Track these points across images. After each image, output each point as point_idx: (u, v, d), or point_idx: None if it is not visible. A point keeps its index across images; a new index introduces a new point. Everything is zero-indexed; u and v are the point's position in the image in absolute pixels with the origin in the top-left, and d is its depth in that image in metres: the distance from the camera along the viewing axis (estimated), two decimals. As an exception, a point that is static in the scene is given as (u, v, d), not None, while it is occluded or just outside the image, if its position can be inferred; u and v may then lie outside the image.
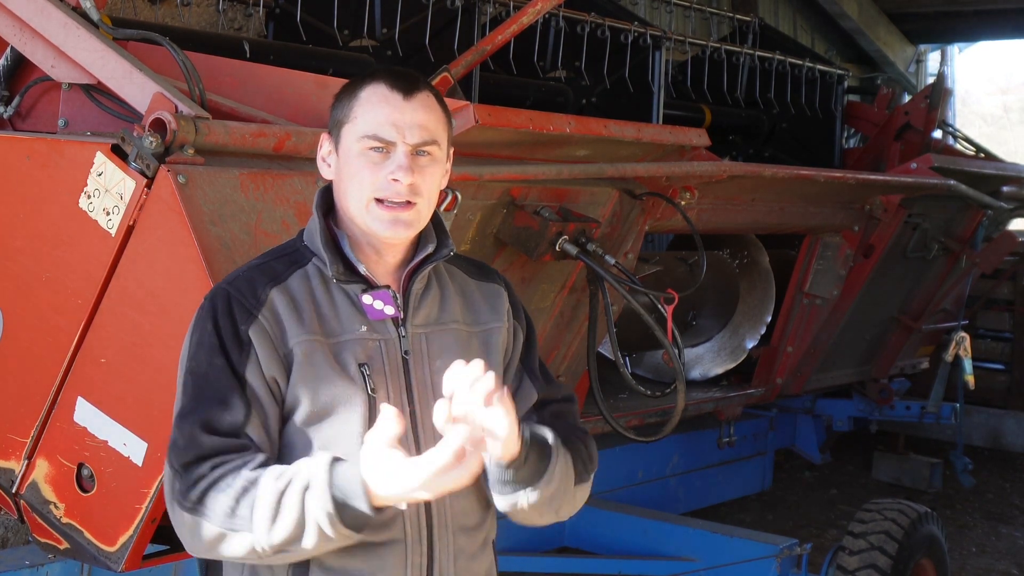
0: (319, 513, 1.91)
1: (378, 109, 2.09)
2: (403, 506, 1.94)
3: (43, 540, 2.98)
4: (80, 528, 2.88)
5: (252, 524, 1.94)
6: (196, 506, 1.98)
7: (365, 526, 1.94)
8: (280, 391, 2.07)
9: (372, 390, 2.07)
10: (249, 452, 2.01)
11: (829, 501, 7.65)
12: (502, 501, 2.09)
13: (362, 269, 2.14)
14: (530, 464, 2.03)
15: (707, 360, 5.76)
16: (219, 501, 1.96)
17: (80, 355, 2.81)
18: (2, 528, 4.66)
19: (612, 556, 5.09)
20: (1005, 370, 9.06)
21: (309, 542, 1.93)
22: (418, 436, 2.10)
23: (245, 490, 1.95)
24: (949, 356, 6.38)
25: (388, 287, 2.14)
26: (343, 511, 1.90)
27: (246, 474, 1.96)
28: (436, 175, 2.14)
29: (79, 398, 2.82)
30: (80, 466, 2.85)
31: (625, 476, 5.92)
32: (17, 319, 2.93)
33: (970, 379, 6.41)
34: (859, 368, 6.44)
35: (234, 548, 1.98)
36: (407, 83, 2.11)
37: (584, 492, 2.21)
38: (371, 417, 2.05)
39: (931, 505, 5.57)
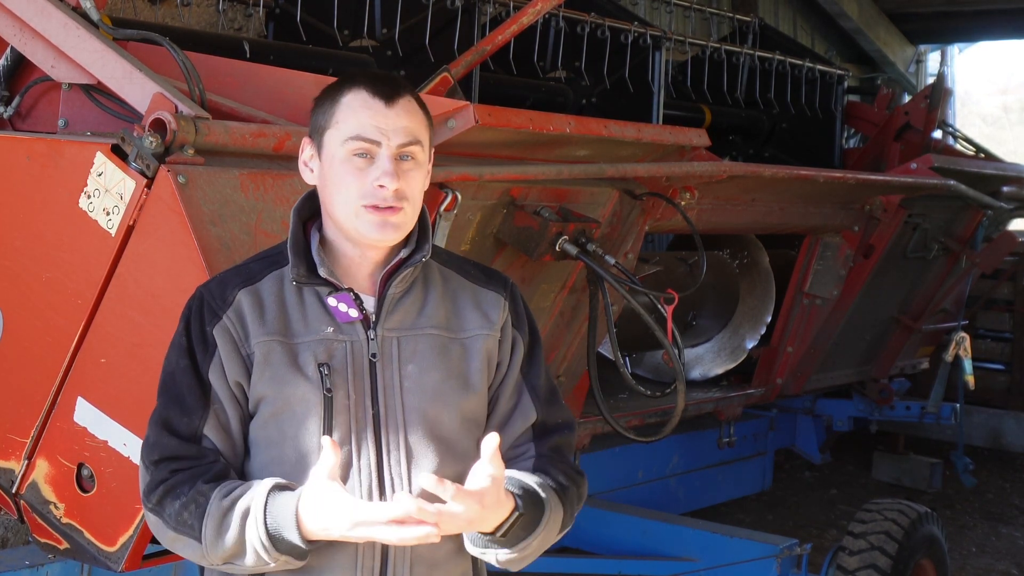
0: (255, 540, 1.99)
1: (360, 114, 2.09)
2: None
3: (43, 540, 2.98)
4: (80, 528, 2.88)
5: (201, 535, 2.04)
6: (156, 507, 2.09)
7: (304, 553, 2.01)
8: (243, 391, 2.12)
9: (328, 390, 2.08)
10: (207, 458, 2.09)
11: (829, 501, 7.65)
12: (471, 548, 2.11)
13: (323, 272, 2.13)
14: (513, 533, 2.05)
15: (707, 360, 5.76)
16: (174, 507, 2.06)
17: (80, 355, 2.81)
18: (2, 528, 4.66)
19: (612, 556, 5.09)
20: (1005, 370, 9.06)
21: (250, 561, 2.02)
22: (380, 438, 2.10)
23: (196, 502, 2.04)
24: (949, 356, 6.37)
25: (350, 289, 2.14)
26: (277, 541, 1.99)
27: (200, 486, 2.05)
28: (420, 179, 2.14)
29: (79, 398, 2.82)
30: (80, 466, 2.85)
31: (625, 476, 5.92)
32: (17, 319, 2.93)
33: (970, 379, 6.41)
34: (859, 368, 6.44)
35: (188, 551, 2.08)
36: (389, 88, 2.12)
37: (564, 533, 2.22)
38: (328, 417, 2.08)
39: (931, 505, 5.57)
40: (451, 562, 2.16)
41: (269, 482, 2.03)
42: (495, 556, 2.09)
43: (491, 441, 1.98)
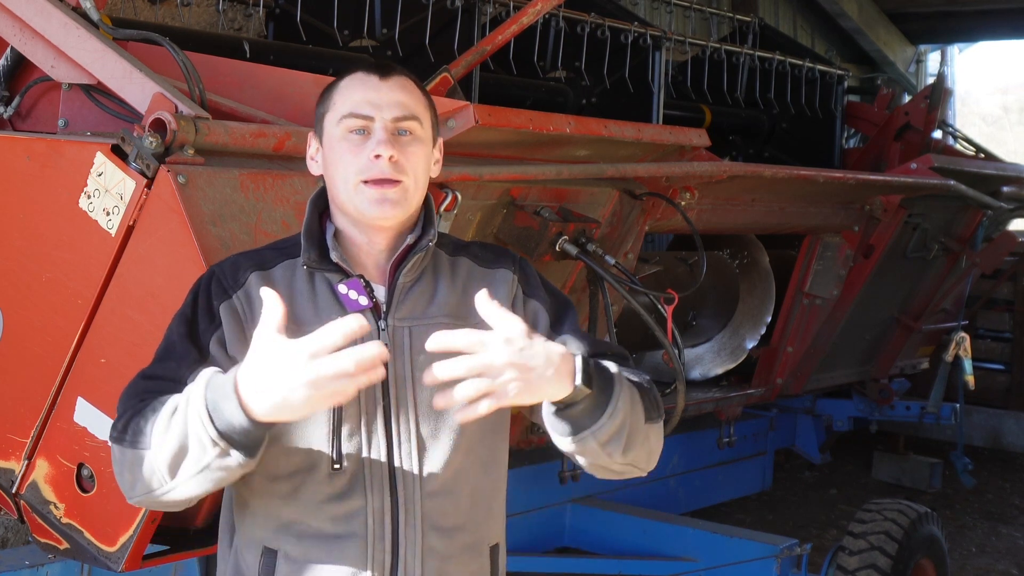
0: (194, 419, 1.88)
1: (355, 91, 2.11)
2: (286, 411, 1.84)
3: (43, 540, 2.98)
4: (80, 528, 2.88)
5: (150, 438, 1.94)
6: (120, 435, 2.00)
7: (245, 438, 1.87)
8: None
9: None
10: (184, 383, 2.00)
11: (829, 501, 7.65)
12: (564, 442, 2.02)
13: (334, 256, 2.11)
14: (589, 400, 1.96)
15: (707, 360, 5.76)
16: (135, 424, 1.98)
17: (80, 355, 2.81)
18: (2, 528, 4.66)
19: (612, 556, 5.09)
20: (1005, 370, 9.06)
21: (192, 459, 1.90)
22: (391, 430, 2.08)
23: (153, 408, 1.97)
24: (949, 356, 6.37)
25: (360, 276, 2.12)
26: (216, 414, 1.87)
27: (161, 398, 1.97)
28: (420, 154, 2.12)
29: (79, 398, 2.82)
30: (80, 466, 2.85)
31: (625, 476, 5.91)
32: (17, 319, 2.93)
33: (970, 379, 6.41)
34: (859, 368, 6.44)
35: (139, 475, 1.97)
36: (383, 68, 2.14)
37: (658, 435, 2.13)
38: (337, 408, 2.04)
39: (931, 505, 5.57)
40: (464, 556, 2.14)
41: (215, 368, 1.95)
42: (594, 439, 1.99)
43: (483, 299, 1.90)
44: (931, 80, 8.27)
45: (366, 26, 4.75)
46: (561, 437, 2.02)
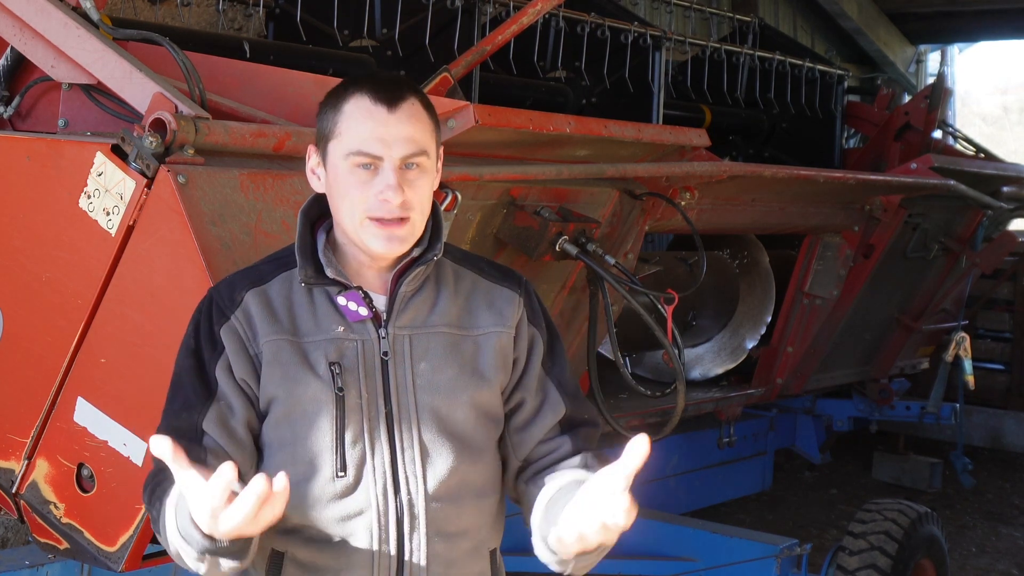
0: (175, 542, 1.94)
1: (362, 124, 2.06)
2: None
3: (43, 540, 2.99)
4: (80, 528, 2.88)
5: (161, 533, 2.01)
6: (148, 507, 2.07)
7: (225, 552, 1.89)
8: (252, 391, 2.10)
9: (340, 389, 2.06)
10: (200, 460, 2.01)
11: (829, 501, 7.65)
12: (549, 558, 2.09)
13: (330, 272, 2.12)
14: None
15: (707, 360, 5.76)
16: (156, 504, 2.04)
17: (80, 355, 2.81)
18: (2, 528, 4.66)
19: (612, 556, 5.08)
20: (1005, 370, 9.06)
21: (192, 566, 1.95)
22: (393, 437, 2.09)
23: (159, 498, 2.02)
24: (949, 356, 6.38)
25: (358, 288, 2.12)
26: (189, 540, 1.91)
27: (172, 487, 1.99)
28: (427, 186, 2.11)
29: (79, 398, 2.82)
30: (80, 466, 2.85)
31: (625, 476, 5.90)
32: (17, 319, 2.93)
33: (970, 379, 6.41)
34: (859, 368, 6.44)
35: (174, 555, 2.01)
36: (391, 94, 2.07)
37: None
38: (340, 416, 2.06)
39: (931, 505, 5.57)
40: (467, 561, 2.15)
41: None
42: (576, 568, 2.08)
43: (641, 445, 1.91)
44: (931, 80, 8.27)
45: (366, 26, 4.75)
46: (549, 553, 2.08)
